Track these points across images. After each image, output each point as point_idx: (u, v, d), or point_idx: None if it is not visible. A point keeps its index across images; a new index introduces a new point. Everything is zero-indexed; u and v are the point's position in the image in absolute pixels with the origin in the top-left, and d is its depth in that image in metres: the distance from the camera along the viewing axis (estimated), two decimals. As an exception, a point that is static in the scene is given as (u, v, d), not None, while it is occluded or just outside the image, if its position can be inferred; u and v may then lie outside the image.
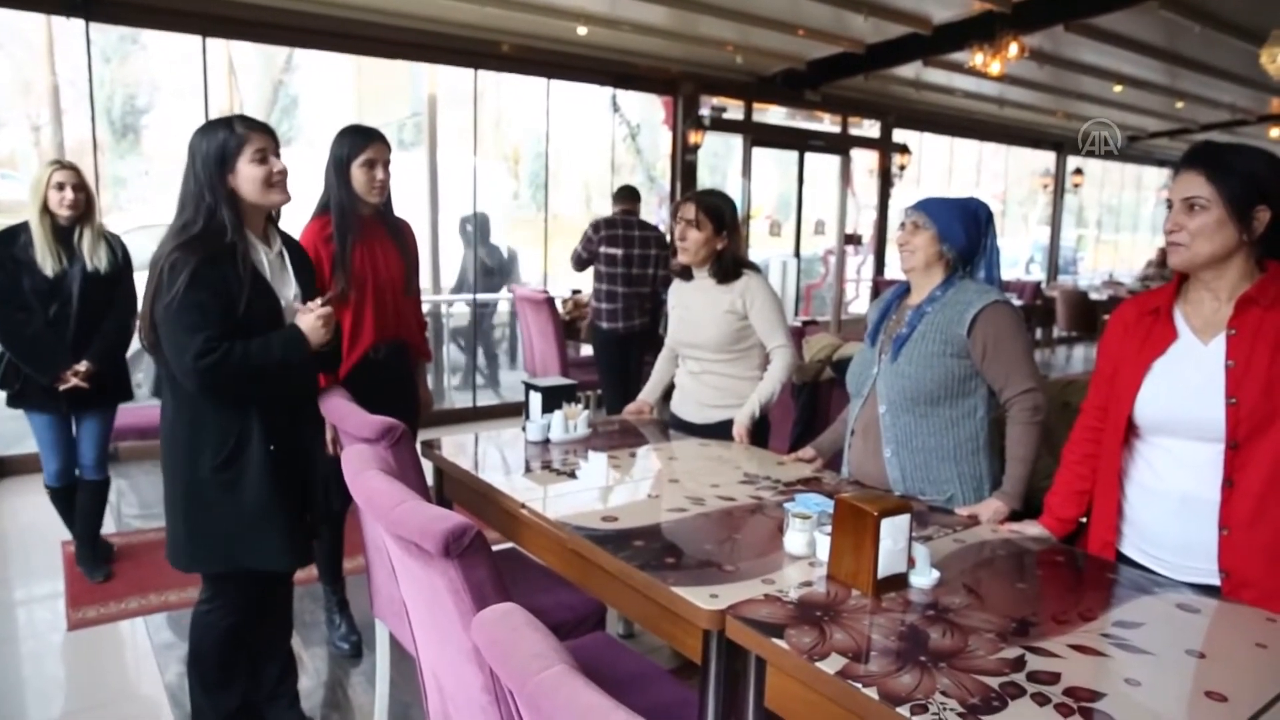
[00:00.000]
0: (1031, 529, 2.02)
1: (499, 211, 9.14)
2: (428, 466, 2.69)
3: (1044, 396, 2.21)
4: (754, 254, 8.70)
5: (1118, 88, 8.91)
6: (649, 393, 3.21)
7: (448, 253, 7.15)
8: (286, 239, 2.31)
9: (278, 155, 2.14)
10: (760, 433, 2.87)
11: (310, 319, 2.18)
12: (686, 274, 3.02)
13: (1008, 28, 6.03)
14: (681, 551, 1.83)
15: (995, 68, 6.21)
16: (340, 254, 2.74)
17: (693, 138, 7.44)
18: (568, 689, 0.91)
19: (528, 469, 2.50)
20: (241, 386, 2.09)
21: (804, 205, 9.03)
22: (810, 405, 4.09)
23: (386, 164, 2.80)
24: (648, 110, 8.13)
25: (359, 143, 2.75)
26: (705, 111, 7.61)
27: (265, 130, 2.13)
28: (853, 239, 9.44)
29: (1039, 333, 10.11)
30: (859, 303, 9.81)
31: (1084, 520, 2.02)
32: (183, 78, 5.86)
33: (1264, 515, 1.70)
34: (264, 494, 2.15)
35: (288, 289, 2.24)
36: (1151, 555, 1.85)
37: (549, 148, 7.07)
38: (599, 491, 2.35)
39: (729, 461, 2.59)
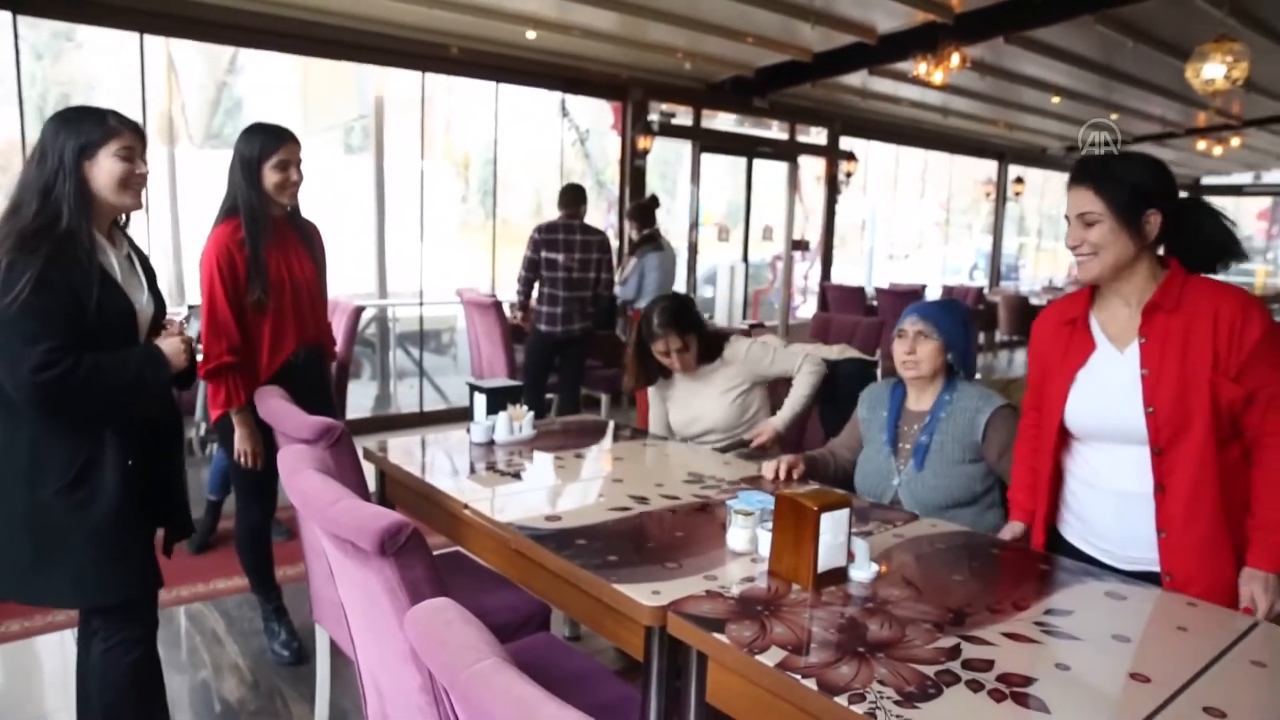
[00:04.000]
0: (1008, 531, 2.07)
1: (447, 216, 9.07)
2: (371, 470, 2.66)
3: None
4: (702, 259, 8.75)
5: (1056, 99, 9.15)
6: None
7: (395, 257, 7.07)
8: (133, 243, 2.13)
9: (144, 160, 2.00)
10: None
11: (175, 342, 2.03)
12: (653, 379, 3.04)
13: (950, 39, 6.16)
14: (624, 550, 1.82)
15: (938, 77, 6.32)
16: (254, 260, 2.63)
17: (641, 143, 7.46)
18: (500, 681, 0.90)
19: (472, 470, 2.48)
20: (86, 403, 1.89)
21: (752, 211, 9.11)
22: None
23: (299, 164, 2.74)
24: (597, 116, 8.14)
25: (271, 143, 2.65)
26: (654, 117, 7.64)
27: (137, 130, 1.99)
28: (800, 245, 9.54)
29: (981, 337, 10.32)
30: (806, 308, 9.91)
31: None
32: (120, 77, 5.70)
33: (1196, 517, 1.75)
34: (124, 512, 1.95)
35: (140, 294, 2.06)
36: (1097, 547, 1.90)
37: (497, 152, 7.03)
38: (543, 492, 2.34)
39: (676, 462, 2.59)
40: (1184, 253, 1.82)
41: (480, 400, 2.78)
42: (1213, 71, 5.40)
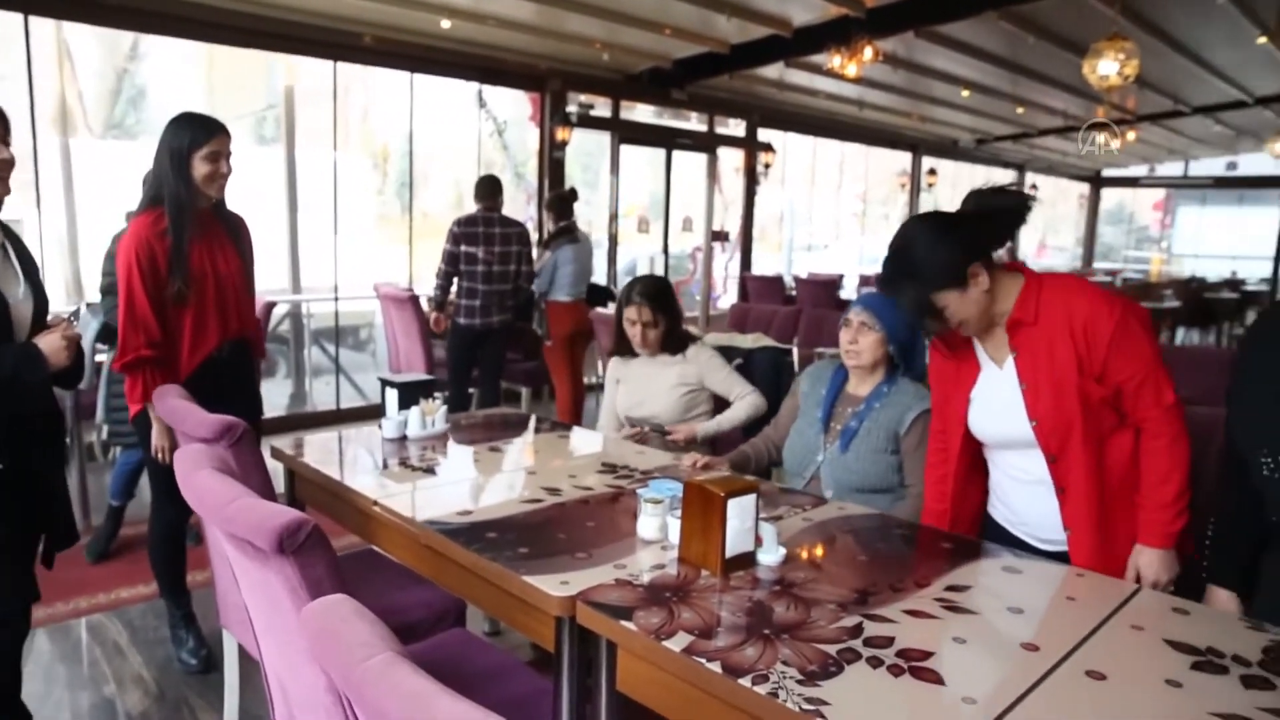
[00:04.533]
0: None
1: (364, 209, 8.87)
2: (281, 470, 2.59)
3: None
4: (622, 251, 8.75)
5: (965, 93, 9.43)
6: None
7: (309, 251, 6.89)
8: (9, 233, 2.05)
9: (8, 145, 1.90)
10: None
11: (54, 339, 1.93)
12: (626, 350, 3.07)
13: (863, 32, 6.28)
14: (535, 541, 1.81)
15: (852, 70, 6.45)
16: (177, 251, 2.57)
17: (560, 135, 7.42)
18: (394, 677, 0.88)
19: (385, 466, 2.43)
20: None
21: (672, 203, 9.14)
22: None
23: (229, 156, 2.67)
24: (515, 107, 8.06)
25: (202, 134, 2.58)
26: (573, 109, 7.60)
27: (3, 118, 1.90)
28: (720, 236, 9.63)
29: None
30: (727, 298, 10.00)
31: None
32: (4, 61, 5.40)
33: (1097, 514, 1.84)
34: None
35: (15, 287, 1.97)
36: (1019, 529, 2.00)
37: (413, 144, 6.90)
38: (456, 486, 2.31)
39: (591, 453, 2.59)
40: (998, 239, 1.88)
41: (392, 395, 2.73)
42: (1107, 68, 5.63)
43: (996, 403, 1.92)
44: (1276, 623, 1.51)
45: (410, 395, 2.73)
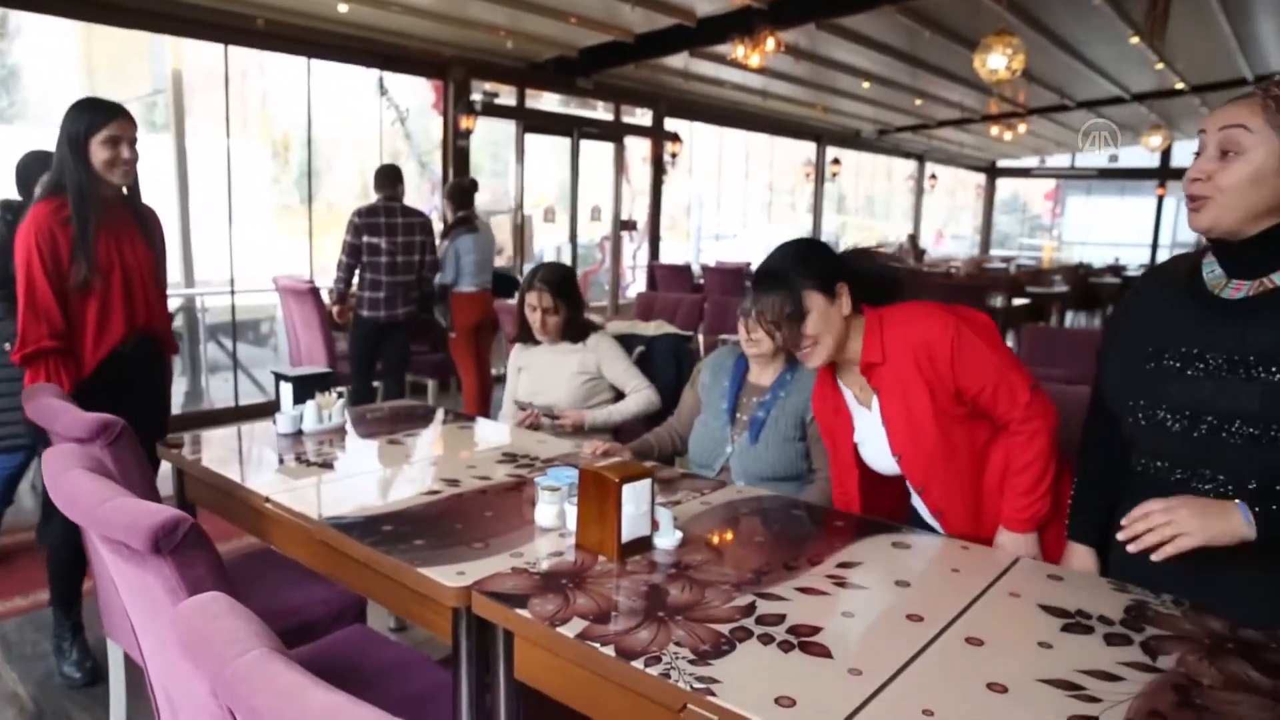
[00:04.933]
0: None
1: (263, 200, 8.57)
2: (170, 470, 2.49)
3: None
4: (534, 241, 8.70)
5: (866, 84, 9.67)
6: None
7: (204, 243, 6.63)
8: None
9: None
10: None
11: None
12: (528, 338, 3.05)
13: (765, 23, 6.38)
14: (432, 533, 1.79)
15: (755, 60, 6.54)
16: (81, 238, 2.48)
17: (464, 123, 7.31)
18: (264, 672, 0.86)
19: (281, 462, 2.36)
20: None
21: (580, 192, 9.11)
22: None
23: (133, 143, 2.56)
24: (418, 95, 7.89)
25: (99, 118, 2.49)
26: (477, 97, 7.50)
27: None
28: (627, 225, 9.66)
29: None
30: (637, 287, 10.04)
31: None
32: None
33: (967, 508, 1.95)
34: None
35: None
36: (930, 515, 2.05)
37: (311, 133, 6.70)
38: (354, 480, 2.26)
39: (491, 443, 2.57)
40: (866, 296, 1.97)
41: (286, 389, 2.65)
42: (996, 62, 5.86)
43: (873, 442, 1.99)
44: (1129, 577, 1.60)
45: (305, 389, 2.66)
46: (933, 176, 16.66)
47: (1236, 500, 1.39)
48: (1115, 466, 1.65)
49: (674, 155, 9.78)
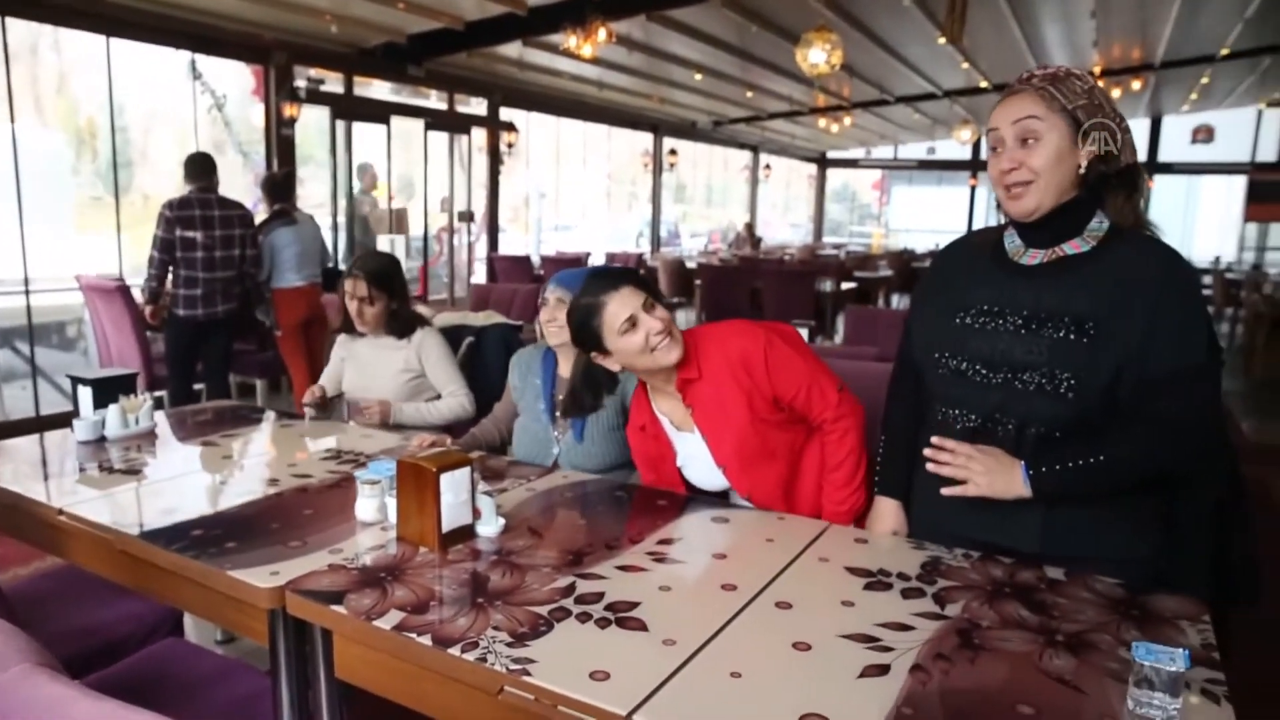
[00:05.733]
0: None
1: (64, 192, 7.87)
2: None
3: None
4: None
5: (698, 76, 9.90)
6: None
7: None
8: None
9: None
10: None
11: None
12: (354, 329, 2.94)
13: (597, 13, 6.42)
14: (245, 535, 1.72)
15: (588, 51, 6.58)
16: None
17: (288, 111, 6.98)
18: (27, 687, 0.81)
19: (82, 471, 2.20)
20: None
21: (425, 183, 8.89)
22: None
23: None
24: (238, 80, 7.47)
25: None
26: (301, 83, 7.18)
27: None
28: (465, 216, 9.51)
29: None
30: (475, 277, 9.90)
31: None
32: None
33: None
34: None
35: None
36: None
37: (114, 119, 6.22)
38: (162, 486, 2.13)
39: (314, 441, 2.50)
40: None
41: (85, 393, 2.47)
42: (816, 56, 6.14)
43: (697, 462, 2.05)
44: (929, 529, 1.75)
45: (107, 392, 2.48)
46: (767, 167, 17.28)
47: (1021, 462, 1.55)
48: (916, 424, 1.79)
49: (510, 145, 9.70)
